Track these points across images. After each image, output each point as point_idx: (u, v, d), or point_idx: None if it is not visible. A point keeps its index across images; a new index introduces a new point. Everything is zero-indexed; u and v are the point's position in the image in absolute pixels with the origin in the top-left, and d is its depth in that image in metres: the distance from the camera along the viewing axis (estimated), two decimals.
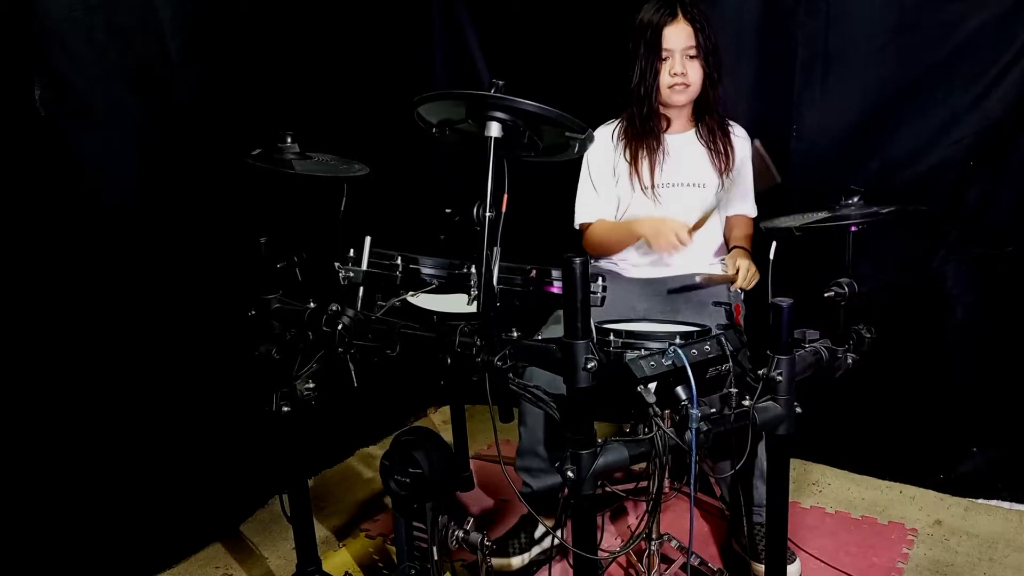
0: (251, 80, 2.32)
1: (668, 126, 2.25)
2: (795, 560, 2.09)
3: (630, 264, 2.28)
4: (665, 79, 2.15)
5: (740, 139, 2.27)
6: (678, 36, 2.12)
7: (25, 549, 1.92)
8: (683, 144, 2.25)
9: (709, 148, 2.22)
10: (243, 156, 1.67)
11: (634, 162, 2.22)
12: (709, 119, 2.23)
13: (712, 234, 2.26)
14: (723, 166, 2.22)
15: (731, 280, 2.11)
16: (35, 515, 1.94)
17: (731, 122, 2.28)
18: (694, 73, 2.14)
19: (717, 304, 2.11)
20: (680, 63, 2.12)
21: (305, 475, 1.98)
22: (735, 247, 2.24)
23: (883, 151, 2.37)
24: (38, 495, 1.94)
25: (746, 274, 2.09)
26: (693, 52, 2.13)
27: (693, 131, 2.26)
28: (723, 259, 2.27)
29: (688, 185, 2.22)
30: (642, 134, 2.22)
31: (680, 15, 2.12)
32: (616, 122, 2.29)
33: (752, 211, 2.31)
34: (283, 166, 1.65)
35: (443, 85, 3.00)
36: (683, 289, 2.19)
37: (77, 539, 2.01)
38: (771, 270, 1.64)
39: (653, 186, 2.21)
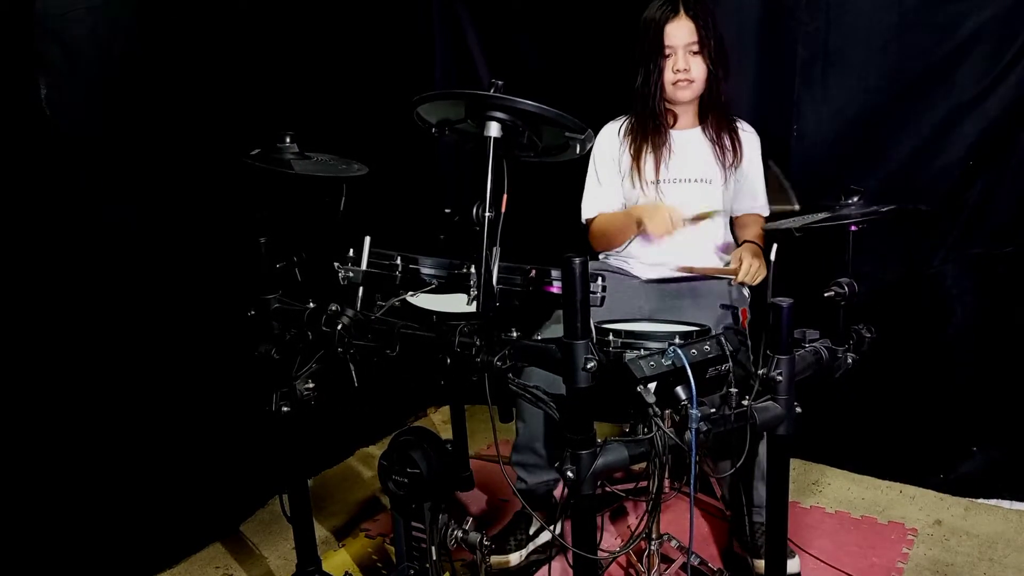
0: (251, 80, 2.32)
1: (675, 122, 2.25)
2: (794, 556, 2.08)
3: (638, 262, 2.28)
4: (669, 76, 2.15)
5: (748, 135, 2.27)
6: (680, 32, 2.12)
7: (26, 549, 1.92)
8: (689, 140, 2.25)
9: (714, 144, 2.22)
10: (242, 156, 1.67)
11: (637, 158, 2.23)
12: (714, 115, 2.23)
13: (715, 234, 2.26)
14: (728, 162, 2.21)
15: (732, 274, 2.10)
16: (36, 515, 1.94)
17: (738, 119, 2.28)
18: (697, 69, 2.14)
19: (724, 307, 2.11)
20: (683, 59, 2.13)
21: (305, 475, 1.98)
22: (745, 242, 2.24)
23: (883, 151, 2.38)
24: (39, 495, 1.94)
25: (748, 269, 2.07)
26: (696, 48, 2.13)
27: (699, 127, 2.26)
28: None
29: (692, 181, 2.22)
30: (647, 131, 2.22)
31: (682, 11, 2.12)
32: (624, 119, 2.30)
33: (764, 210, 2.31)
34: (282, 166, 1.65)
35: (443, 85, 3.00)
36: (681, 280, 2.19)
37: (77, 539, 2.01)
38: (771, 270, 1.64)
39: (657, 182, 2.21)
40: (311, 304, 1.67)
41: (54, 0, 1.86)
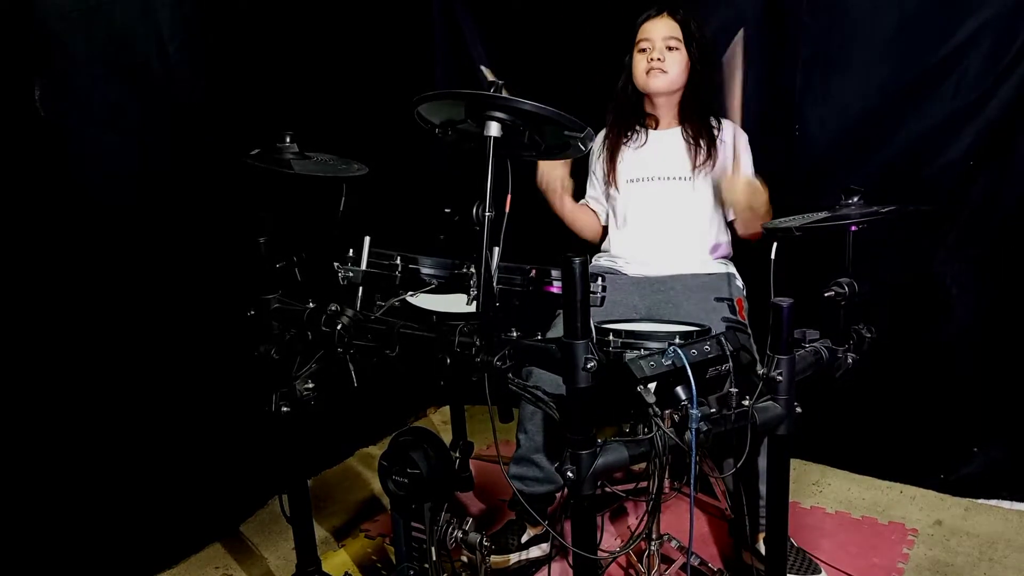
0: (250, 80, 2.32)
1: (656, 124, 2.30)
2: (820, 572, 2.06)
3: (625, 261, 2.29)
4: (642, 66, 2.20)
5: (726, 141, 2.25)
6: (659, 28, 2.19)
7: (26, 549, 1.92)
8: (665, 140, 2.28)
9: (689, 144, 2.23)
10: (242, 156, 1.66)
11: (610, 157, 2.29)
12: (694, 115, 2.24)
13: (704, 233, 2.25)
14: (700, 161, 2.21)
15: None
16: (35, 515, 1.94)
17: (725, 122, 2.27)
18: (673, 62, 2.18)
19: (719, 300, 2.12)
20: (659, 51, 2.17)
21: (305, 475, 1.98)
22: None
23: (884, 151, 2.38)
24: (39, 495, 1.94)
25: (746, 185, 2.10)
26: (674, 44, 2.18)
27: (678, 127, 2.27)
28: (721, 258, 2.27)
29: (659, 179, 2.25)
30: (619, 130, 2.29)
31: (666, 13, 2.20)
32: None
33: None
34: (282, 166, 1.65)
35: (443, 85, 2.99)
36: (673, 276, 2.22)
37: (77, 539, 2.01)
38: (772, 270, 1.64)
39: (616, 181, 2.29)
40: (311, 304, 1.67)
41: (51, 1, 1.86)
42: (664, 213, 2.23)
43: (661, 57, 2.16)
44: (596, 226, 2.44)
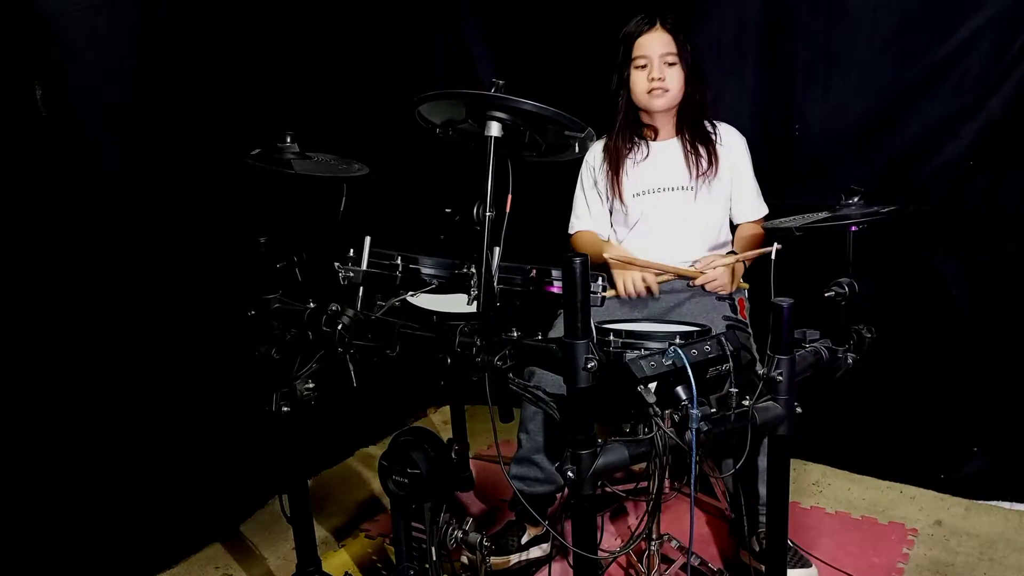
0: (251, 80, 2.32)
1: (656, 135, 2.28)
2: (809, 567, 2.06)
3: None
4: (643, 84, 2.18)
5: (725, 145, 2.25)
6: (655, 43, 2.16)
7: (26, 549, 1.92)
8: (666, 151, 2.27)
9: (688, 153, 2.23)
10: (243, 156, 1.67)
11: (616, 173, 2.26)
12: (691, 125, 2.24)
13: (706, 239, 2.25)
14: (701, 170, 2.21)
15: (692, 276, 2.14)
16: (36, 515, 1.94)
17: (722, 126, 2.28)
18: (672, 79, 2.16)
19: (721, 299, 2.12)
20: (659, 68, 2.15)
21: (305, 475, 1.98)
22: (730, 252, 2.25)
23: (884, 151, 2.38)
24: (38, 495, 1.94)
25: (710, 278, 2.11)
26: (671, 59, 2.16)
27: (677, 138, 2.27)
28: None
29: (663, 190, 2.24)
30: (620, 143, 2.26)
31: (658, 24, 2.17)
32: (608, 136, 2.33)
33: (757, 213, 2.31)
34: (282, 166, 1.65)
35: (443, 85, 2.99)
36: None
37: (77, 539, 2.01)
38: (772, 270, 1.64)
39: (621, 195, 2.25)
40: (311, 304, 1.67)
41: (51, 1, 1.86)
42: (668, 223, 2.22)
43: (661, 76, 2.15)
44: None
